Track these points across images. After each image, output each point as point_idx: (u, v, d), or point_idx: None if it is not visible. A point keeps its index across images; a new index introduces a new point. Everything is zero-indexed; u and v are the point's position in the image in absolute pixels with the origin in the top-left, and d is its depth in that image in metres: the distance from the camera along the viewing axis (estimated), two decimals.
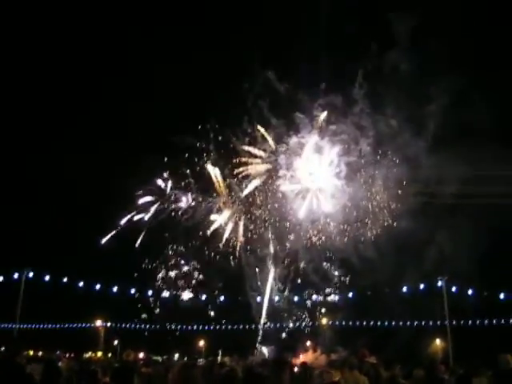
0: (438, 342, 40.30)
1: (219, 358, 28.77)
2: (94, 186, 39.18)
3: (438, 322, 35.90)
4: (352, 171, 36.06)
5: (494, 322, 40.92)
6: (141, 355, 29.77)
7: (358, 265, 33.17)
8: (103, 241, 36.24)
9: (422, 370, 11.36)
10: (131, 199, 38.28)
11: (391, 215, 33.43)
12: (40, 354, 33.77)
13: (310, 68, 33.52)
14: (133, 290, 38.22)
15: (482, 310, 36.14)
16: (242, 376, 11.22)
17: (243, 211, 38.20)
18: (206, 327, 41.00)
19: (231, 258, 37.77)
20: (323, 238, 35.71)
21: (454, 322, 33.90)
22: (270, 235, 37.30)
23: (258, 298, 38.09)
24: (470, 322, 39.69)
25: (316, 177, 36.37)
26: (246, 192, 37.27)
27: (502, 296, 34.52)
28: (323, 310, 38.18)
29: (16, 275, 32.39)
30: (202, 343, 40.22)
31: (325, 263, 36.26)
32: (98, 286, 36.97)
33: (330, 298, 37.22)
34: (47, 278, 34.86)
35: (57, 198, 41.08)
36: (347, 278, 36.24)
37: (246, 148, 37.34)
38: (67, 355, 31.96)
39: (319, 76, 34.28)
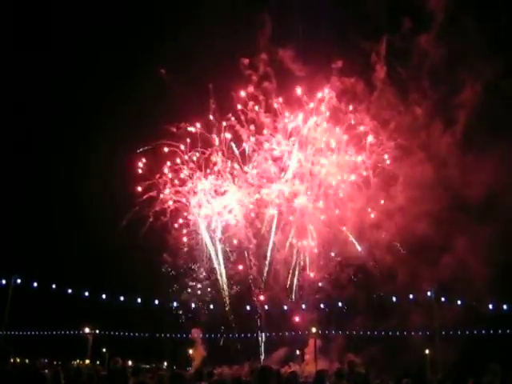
0: (426, 351, 40.14)
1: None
2: (84, 190, 38.59)
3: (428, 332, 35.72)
4: (369, 169, 34.31)
5: (483, 332, 40.92)
6: (129, 363, 29.45)
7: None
8: None
9: (410, 380, 11.33)
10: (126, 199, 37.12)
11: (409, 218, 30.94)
12: (27, 361, 33.36)
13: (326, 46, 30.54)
14: (122, 298, 37.86)
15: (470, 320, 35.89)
16: None
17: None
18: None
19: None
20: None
21: (444, 333, 33.78)
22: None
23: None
24: (459, 332, 39.60)
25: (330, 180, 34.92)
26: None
27: (490, 307, 34.50)
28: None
29: (3, 282, 32.05)
30: (190, 352, 39.85)
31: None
32: (86, 293, 36.64)
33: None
34: (35, 284, 34.51)
35: (46, 203, 40.75)
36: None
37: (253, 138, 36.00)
38: (54, 363, 31.59)
39: (334, 54, 31.51)
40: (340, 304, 36.36)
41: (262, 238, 36.86)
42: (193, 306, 39.03)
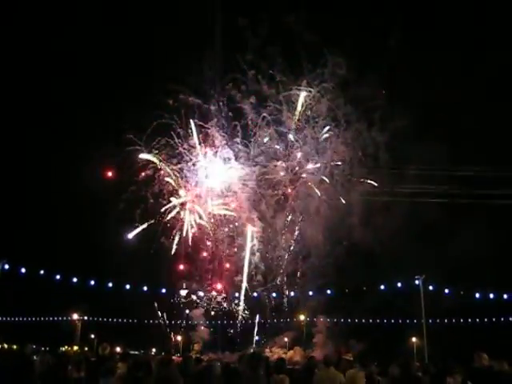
0: (413, 339, 40.65)
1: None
2: (74, 174, 37.80)
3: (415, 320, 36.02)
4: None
5: (469, 320, 41.45)
6: (117, 349, 29.51)
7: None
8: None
9: (397, 368, 11.45)
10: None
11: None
12: (14, 347, 33.33)
13: None
14: (110, 284, 37.60)
15: (458, 309, 36.21)
16: (219, 372, 11.23)
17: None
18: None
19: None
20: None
21: (431, 321, 34.09)
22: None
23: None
24: (445, 320, 40.06)
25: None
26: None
27: (477, 295, 34.83)
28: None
29: None
30: (179, 338, 39.92)
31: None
32: (74, 279, 36.54)
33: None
34: (23, 270, 34.35)
35: (34, 188, 40.33)
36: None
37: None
38: (42, 349, 31.59)
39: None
40: (329, 292, 36.10)
41: (265, 221, 35.68)
42: (183, 293, 38.58)
